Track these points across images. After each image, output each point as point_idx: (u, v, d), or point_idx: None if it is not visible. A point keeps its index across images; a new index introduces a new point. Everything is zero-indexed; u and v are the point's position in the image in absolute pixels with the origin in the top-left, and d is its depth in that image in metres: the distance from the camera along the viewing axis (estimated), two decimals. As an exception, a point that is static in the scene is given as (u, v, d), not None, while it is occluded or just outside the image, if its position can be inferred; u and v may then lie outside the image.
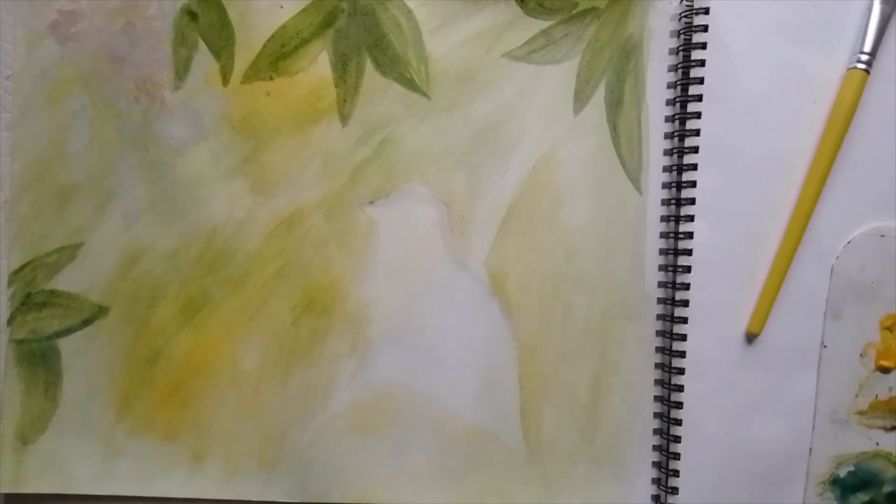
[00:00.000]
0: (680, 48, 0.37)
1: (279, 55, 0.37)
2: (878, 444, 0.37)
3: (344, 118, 0.37)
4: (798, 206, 0.36)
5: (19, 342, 0.37)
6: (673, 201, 0.37)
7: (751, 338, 0.37)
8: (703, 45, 0.36)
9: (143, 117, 0.37)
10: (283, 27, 0.36)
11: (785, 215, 0.37)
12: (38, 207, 0.37)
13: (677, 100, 0.37)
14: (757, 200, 0.37)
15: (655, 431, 0.38)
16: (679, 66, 0.37)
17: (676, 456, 0.37)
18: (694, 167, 0.36)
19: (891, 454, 0.37)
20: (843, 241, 0.37)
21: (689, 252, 0.37)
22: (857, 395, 0.37)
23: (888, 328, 0.37)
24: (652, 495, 0.38)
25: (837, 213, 0.37)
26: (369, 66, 0.37)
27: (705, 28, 0.36)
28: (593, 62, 0.37)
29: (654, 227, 0.37)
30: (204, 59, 0.37)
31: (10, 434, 0.37)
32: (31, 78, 0.37)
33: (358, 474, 0.38)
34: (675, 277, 0.37)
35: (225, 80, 0.37)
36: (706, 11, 0.36)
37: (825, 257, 0.37)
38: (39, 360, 0.37)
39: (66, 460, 0.37)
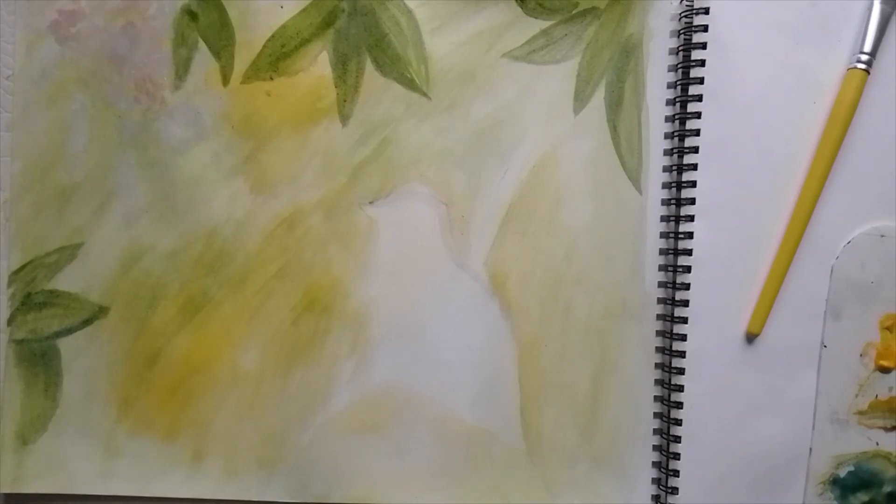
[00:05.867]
0: (680, 48, 0.37)
1: (279, 55, 0.37)
2: (878, 444, 0.37)
3: (344, 118, 0.37)
4: (798, 206, 0.36)
5: (19, 342, 0.37)
6: (673, 201, 0.37)
7: (751, 338, 0.37)
8: (703, 45, 0.36)
9: (143, 117, 0.37)
10: (283, 27, 0.36)
11: (785, 215, 0.37)
12: (38, 207, 0.37)
13: (677, 100, 0.37)
14: (757, 200, 0.37)
15: (655, 431, 0.38)
16: (679, 66, 0.37)
17: (676, 456, 0.37)
18: (694, 167, 0.36)
19: (891, 454, 0.37)
20: (843, 241, 0.37)
21: (689, 252, 0.37)
22: (857, 395, 0.37)
23: (888, 328, 0.37)
24: (652, 495, 0.38)
25: (837, 213, 0.37)
26: (369, 66, 0.37)
27: (705, 28, 0.36)
28: (593, 62, 0.37)
29: (654, 227, 0.37)
30: (204, 59, 0.37)
31: (10, 434, 0.37)
32: (31, 78, 0.37)
33: (358, 474, 0.38)
34: (675, 277, 0.37)
35: (225, 80, 0.37)
36: (706, 11, 0.36)
37: (825, 257, 0.37)
38: (39, 360, 0.37)
39: (66, 460, 0.37)
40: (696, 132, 0.36)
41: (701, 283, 0.37)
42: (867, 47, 0.36)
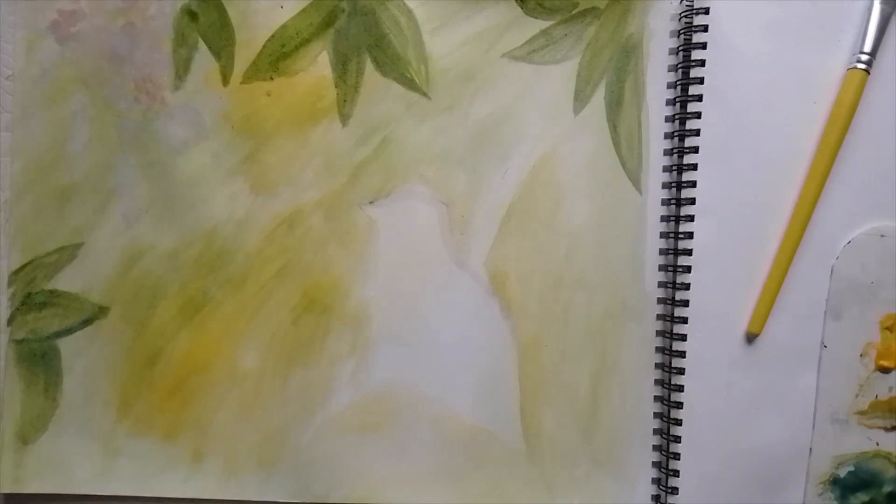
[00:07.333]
0: (680, 48, 0.37)
1: (279, 55, 0.37)
2: (878, 444, 0.37)
3: (344, 118, 0.37)
4: (798, 206, 0.36)
5: (19, 342, 0.37)
6: (673, 201, 0.37)
7: (751, 338, 0.37)
8: (703, 45, 0.36)
9: (143, 117, 0.37)
10: (283, 27, 0.36)
11: (785, 215, 0.37)
12: (38, 207, 0.37)
13: (677, 100, 0.37)
14: (757, 200, 0.37)
15: (655, 431, 0.38)
16: (679, 65, 0.37)
17: (676, 456, 0.37)
18: (694, 167, 0.36)
19: (891, 454, 0.37)
20: (843, 241, 0.37)
21: (689, 252, 0.37)
22: (857, 395, 0.37)
23: (888, 328, 0.37)
24: (652, 495, 0.38)
25: (837, 213, 0.37)
26: (369, 66, 0.37)
27: (705, 28, 0.36)
28: (593, 62, 0.37)
29: (654, 227, 0.37)
30: (204, 59, 0.37)
31: (10, 434, 0.37)
32: (31, 78, 0.37)
33: (358, 474, 0.38)
34: (675, 277, 0.37)
35: (225, 80, 0.37)
36: (706, 11, 0.36)
37: (825, 257, 0.37)
38: (39, 360, 0.37)
39: (66, 460, 0.37)
40: (696, 132, 0.36)
41: (701, 283, 0.37)
42: (867, 47, 0.36)
